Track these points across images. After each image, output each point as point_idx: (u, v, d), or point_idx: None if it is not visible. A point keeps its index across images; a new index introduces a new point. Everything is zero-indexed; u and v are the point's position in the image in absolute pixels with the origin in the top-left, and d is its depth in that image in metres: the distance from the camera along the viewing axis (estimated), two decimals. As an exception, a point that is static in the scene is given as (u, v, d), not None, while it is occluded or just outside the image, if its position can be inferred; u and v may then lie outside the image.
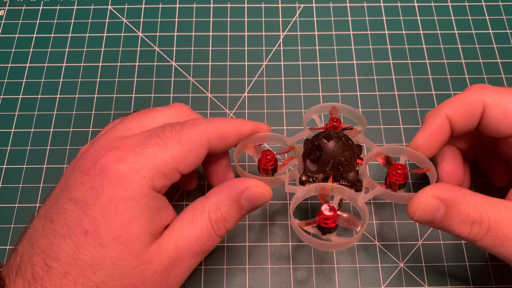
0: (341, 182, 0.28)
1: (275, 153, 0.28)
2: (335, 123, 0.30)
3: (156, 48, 0.41)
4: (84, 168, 0.24)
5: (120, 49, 0.40)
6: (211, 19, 0.42)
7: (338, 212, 0.25)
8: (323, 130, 0.30)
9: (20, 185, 0.35)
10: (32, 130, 0.37)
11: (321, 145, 0.27)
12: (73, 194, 0.23)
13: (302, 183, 0.28)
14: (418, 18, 0.42)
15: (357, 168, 0.28)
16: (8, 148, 0.36)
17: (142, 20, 0.42)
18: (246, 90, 0.39)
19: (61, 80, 0.39)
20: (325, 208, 0.25)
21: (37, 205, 0.34)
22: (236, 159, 0.29)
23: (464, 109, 0.27)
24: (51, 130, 0.37)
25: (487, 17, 0.42)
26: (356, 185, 0.27)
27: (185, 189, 0.34)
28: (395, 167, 0.27)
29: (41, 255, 0.22)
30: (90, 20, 0.42)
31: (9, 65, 0.40)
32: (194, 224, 0.25)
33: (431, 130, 0.28)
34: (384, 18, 0.42)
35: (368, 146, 0.30)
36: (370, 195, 0.27)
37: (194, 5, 0.43)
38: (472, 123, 0.28)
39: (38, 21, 0.42)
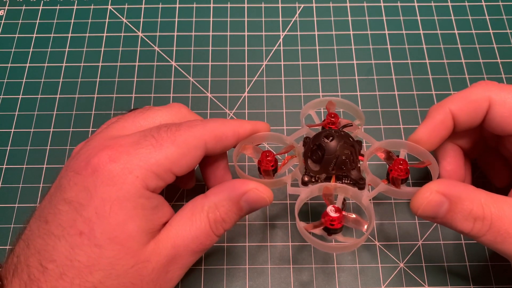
0: (344, 181, 0.27)
1: (275, 153, 0.28)
2: (333, 119, 0.30)
3: (156, 48, 0.41)
4: (77, 167, 0.23)
5: (120, 49, 0.40)
6: (211, 19, 0.42)
7: (344, 213, 0.25)
8: (323, 128, 0.30)
9: (20, 185, 0.35)
10: (32, 130, 0.37)
11: (323, 145, 0.27)
12: (66, 195, 0.23)
13: (304, 183, 0.27)
14: (418, 18, 0.42)
15: (359, 165, 0.28)
16: (8, 148, 0.36)
17: (142, 20, 0.42)
18: (246, 90, 0.39)
19: (61, 80, 0.39)
20: (330, 210, 0.25)
21: (37, 205, 0.34)
22: (235, 160, 0.28)
23: (469, 105, 0.27)
24: (51, 130, 0.37)
25: (487, 17, 0.42)
26: (359, 183, 0.27)
27: (183, 188, 0.34)
28: (397, 162, 0.27)
29: (36, 256, 0.22)
30: (90, 20, 0.42)
31: (9, 65, 0.40)
32: (193, 223, 0.25)
33: (434, 124, 0.28)
34: (384, 18, 0.42)
35: (368, 141, 0.30)
36: (374, 193, 0.27)
37: (194, 5, 0.43)
38: (476, 120, 0.28)
39: (38, 21, 0.42)
